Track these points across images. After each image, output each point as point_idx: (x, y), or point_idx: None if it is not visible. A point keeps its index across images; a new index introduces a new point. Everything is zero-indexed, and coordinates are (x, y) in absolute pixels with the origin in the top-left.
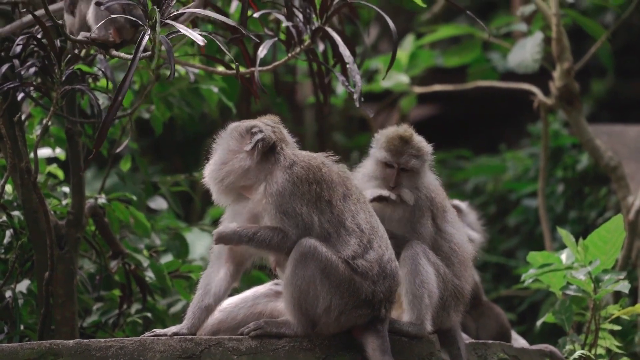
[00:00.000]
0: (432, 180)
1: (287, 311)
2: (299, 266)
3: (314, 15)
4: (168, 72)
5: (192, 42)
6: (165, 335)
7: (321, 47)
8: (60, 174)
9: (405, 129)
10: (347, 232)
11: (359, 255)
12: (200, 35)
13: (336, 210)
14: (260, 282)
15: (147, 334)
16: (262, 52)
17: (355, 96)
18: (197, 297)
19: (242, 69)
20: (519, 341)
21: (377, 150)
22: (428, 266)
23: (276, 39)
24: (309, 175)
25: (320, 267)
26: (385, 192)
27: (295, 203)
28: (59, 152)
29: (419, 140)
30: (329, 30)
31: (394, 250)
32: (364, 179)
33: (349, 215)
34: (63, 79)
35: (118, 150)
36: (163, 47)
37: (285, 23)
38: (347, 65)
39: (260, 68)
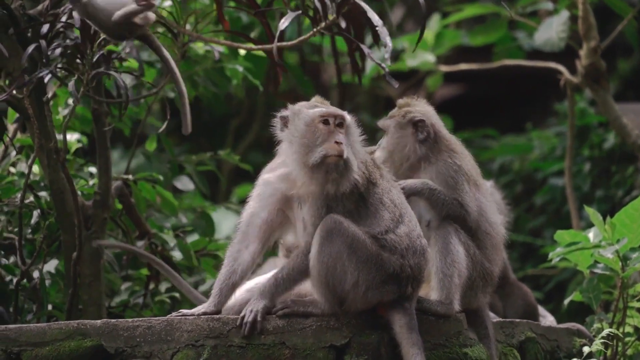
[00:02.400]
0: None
1: (314, 289)
2: (325, 243)
3: None
4: (195, 50)
5: (217, 20)
6: (192, 315)
7: (343, 25)
8: (79, 159)
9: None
10: (384, 207)
11: (390, 229)
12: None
13: (379, 189)
14: None
15: (174, 314)
16: (283, 24)
17: (387, 55)
18: (223, 274)
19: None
20: (547, 318)
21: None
22: (459, 245)
23: (300, 12)
24: None
25: (347, 243)
26: None
27: None
28: (80, 136)
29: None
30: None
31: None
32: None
33: (386, 191)
34: (94, 60)
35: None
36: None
37: None
38: (377, 28)
39: (284, 43)
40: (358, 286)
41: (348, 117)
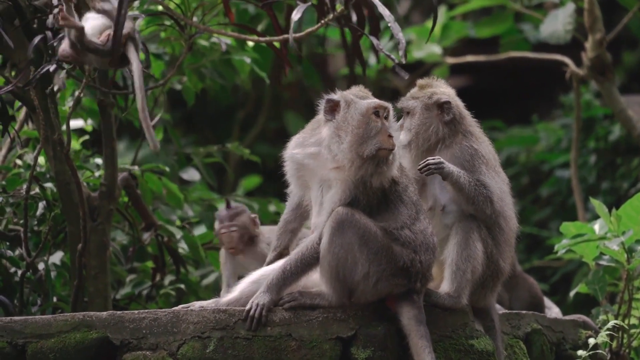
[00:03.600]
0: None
1: (323, 281)
2: (336, 234)
3: None
4: (201, 42)
5: (224, 12)
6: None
7: (354, 18)
8: (85, 151)
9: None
10: (403, 204)
11: (406, 225)
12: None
13: (400, 186)
14: None
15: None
16: (296, 15)
17: (401, 53)
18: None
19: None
20: (553, 310)
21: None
22: (478, 242)
23: (310, 3)
24: None
25: (358, 234)
26: None
27: None
28: (89, 124)
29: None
30: None
31: (482, 202)
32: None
33: (404, 188)
34: None
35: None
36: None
37: None
38: (389, 24)
39: (294, 35)
40: (369, 277)
41: (391, 109)
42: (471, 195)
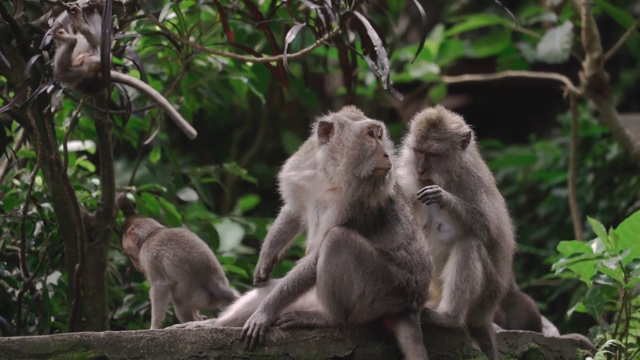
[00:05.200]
0: (474, 160)
1: (319, 301)
2: (332, 254)
3: (342, 2)
4: (198, 63)
5: (222, 32)
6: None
7: (351, 37)
8: (90, 166)
9: (436, 112)
10: (400, 224)
11: (403, 246)
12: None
13: (396, 205)
14: None
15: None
16: (290, 37)
17: (383, 78)
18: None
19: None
20: (550, 329)
21: (408, 136)
22: (477, 262)
23: (305, 24)
24: None
25: (354, 254)
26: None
27: None
28: (89, 146)
29: (450, 123)
30: (358, 14)
31: (478, 229)
32: (401, 165)
33: (401, 208)
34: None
35: (147, 141)
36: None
37: (313, 6)
38: (375, 48)
39: (288, 55)
40: (364, 297)
41: (384, 128)
42: (468, 223)
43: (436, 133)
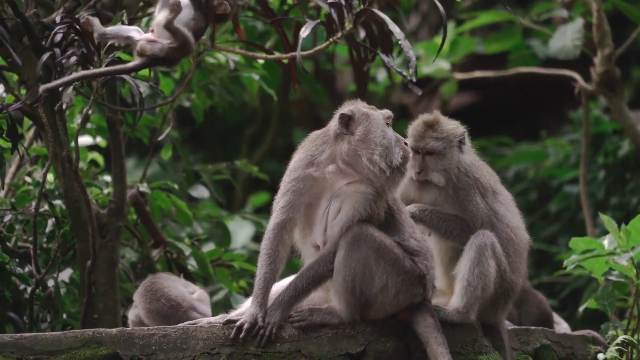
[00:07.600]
0: (472, 161)
1: (336, 296)
2: (351, 249)
3: (355, 1)
4: (209, 60)
5: (233, 30)
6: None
7: (362, 34)
8: (100, 160)
9: (432, 115)
10: (404, 214)
11: (411, 235)
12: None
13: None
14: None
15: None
16: (304, 32)
17: (411, 71)
18: (266, 278)
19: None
20: (561, 325)
21: (406, 138)
22: (491, 259)
23: (319, 21)
24: None
25: (374, 248)
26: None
27: None
28: (100, 141)
29: (445, 124)
30: (376, 11)
31: (458, 235)
32: None
33: (399, 201)
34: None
35: (159, 138)
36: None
37: (327, 6)
38: (400, 42)
39: (301, 52)
40: (387, 289)
41: None
42: (442, 231)
43: (433, 132)
